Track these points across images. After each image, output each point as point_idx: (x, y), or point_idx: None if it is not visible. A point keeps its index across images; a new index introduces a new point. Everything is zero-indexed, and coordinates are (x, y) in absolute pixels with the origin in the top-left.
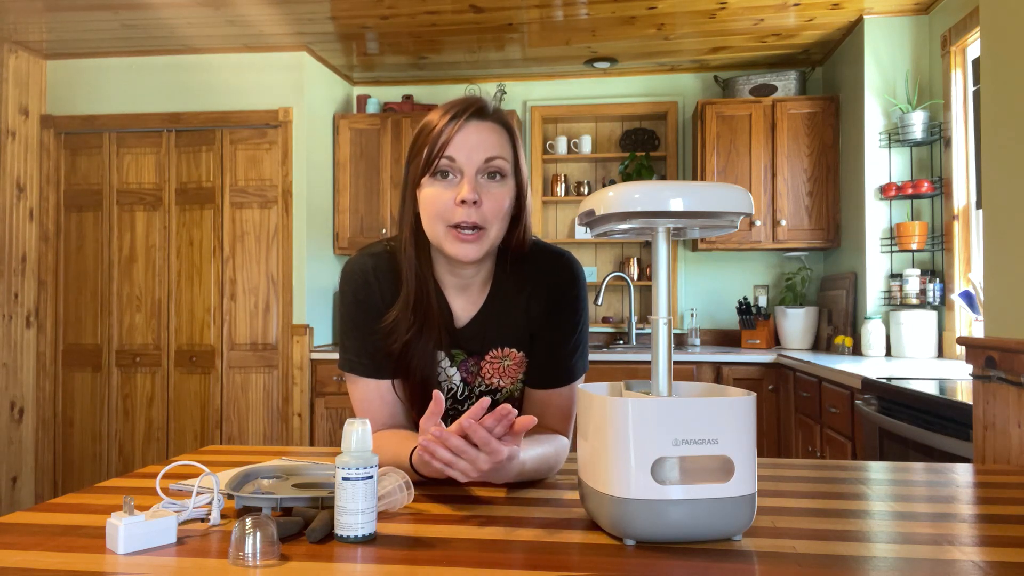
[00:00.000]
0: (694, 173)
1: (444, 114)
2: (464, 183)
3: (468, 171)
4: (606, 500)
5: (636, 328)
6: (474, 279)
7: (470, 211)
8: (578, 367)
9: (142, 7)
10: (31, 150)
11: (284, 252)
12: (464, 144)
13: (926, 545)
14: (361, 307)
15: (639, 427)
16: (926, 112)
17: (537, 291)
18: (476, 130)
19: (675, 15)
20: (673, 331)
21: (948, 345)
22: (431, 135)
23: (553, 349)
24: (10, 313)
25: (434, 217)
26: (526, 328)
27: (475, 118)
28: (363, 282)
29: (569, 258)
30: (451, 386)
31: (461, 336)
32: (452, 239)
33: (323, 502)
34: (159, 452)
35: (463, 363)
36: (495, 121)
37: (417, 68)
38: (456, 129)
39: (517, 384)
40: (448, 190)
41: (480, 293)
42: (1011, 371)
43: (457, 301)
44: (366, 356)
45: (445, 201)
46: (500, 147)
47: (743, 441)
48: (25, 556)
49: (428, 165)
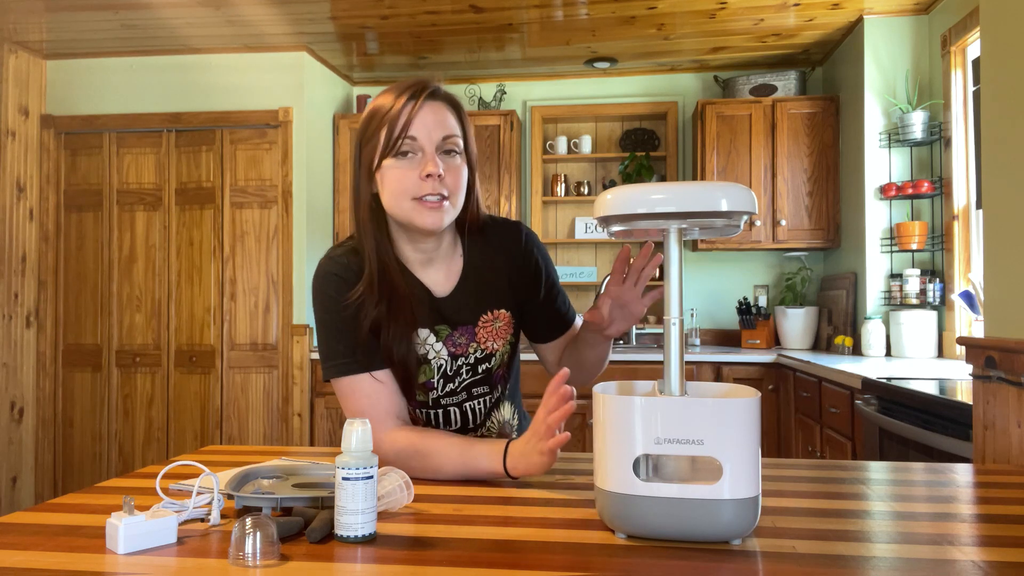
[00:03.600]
0: (694, 173)
1: (399, 96)
2: (427, 159)
3: (428, 148)
4: (598, 493)
5: (636, 328)
6: (437, 251)
7: (436, 183)
8: (570, 304)
9: (142, 7)
10: (31, 150)
11: (284, 252)
12: (423, 124)
13: (926, 545)
14: (340, 305)
15: (623, 424)
16: (926, 112)
17: (511, 255)
18: (432, 110)
19: (675, 15)
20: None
21: (948, 345)
22: (388, 117)
23: (551, 302)
24: (10, 313)
25: (400, 194)
26: (508, 290)
27: (430, 99)
28: (336, 281)
29: (522, 224)
30: (440, 362)
31: (446, 308)
32: (420, 209)
33: (323, 502)
34: (159, 452)
35: (449, 337)
36: (447, 102)
37: (417, 68)
38: (416, 110)
39: (506, 347)
40: (411, 167)
41: (453, 264)
42: (1011, 371)
43: (429, 276)
44: (360, 352)
45: (411, 177)
46: (454, 126)
47: (735, 443)
48: (25, 556)
49: (390, 146)
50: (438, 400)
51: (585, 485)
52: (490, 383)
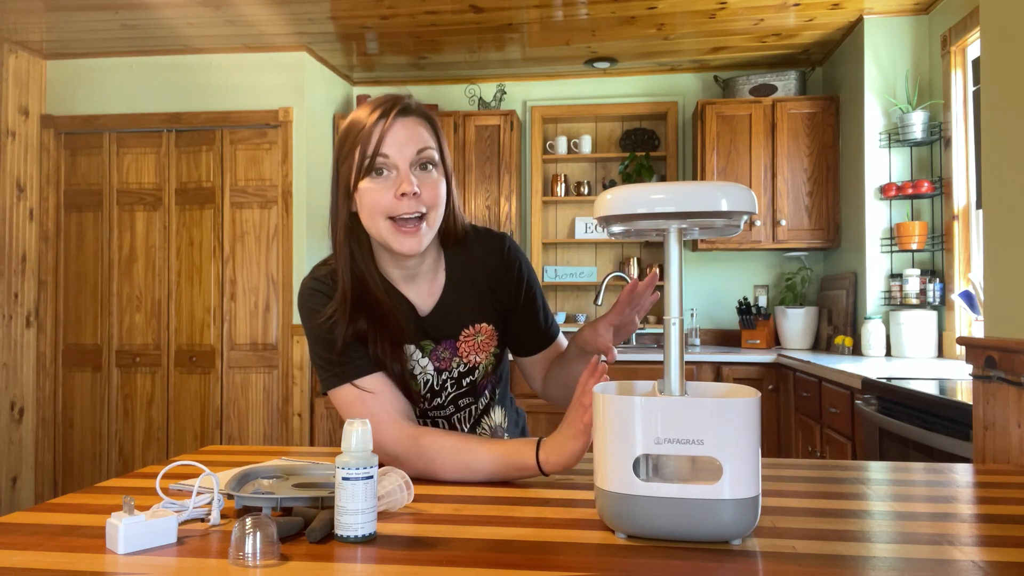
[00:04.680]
0: (694, 173)
1: (370, 114)
2: (401, 177)
3: (402, 165)
4: (598, 493)
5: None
6: (420, 267)
7: (411, 202)
8: (554, 321)
9: (142, 7)
10: (31, 150)
11: (284, 252)
12: (395, 140)
13: (926, 545)
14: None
15: (623, 424)
16: (926, 112)
17: (493, 266)
18: (404, 126)
19: (675, 15)
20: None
21: (948, 345)
22: (360, 136)
23: (533, 315)
24: (10, 313)
25: (376, 214)
26: (491, 303)
27: (401, 115)
28: (320, 297)
29: (506, 235)
30: (426, 377)
31: (428, 324)
32: (395, 234)
33: (323, 502)
34: (159, 452)
35: (433, 352)
36: (419, 115)
37: (417, 68)
38: (387, 127)
39: (490, 358)
40: (386, 186)
41: (435, 280)
42: (1011, 371)
43: (412, 292)
44: (356, 358)
45: (386, 197)
46: (427, 138)
47: (735, 443)
48: (25, 556)
49: (363, 166)
50: (425, 413)
51: (585, 485)
52: (475, 394)
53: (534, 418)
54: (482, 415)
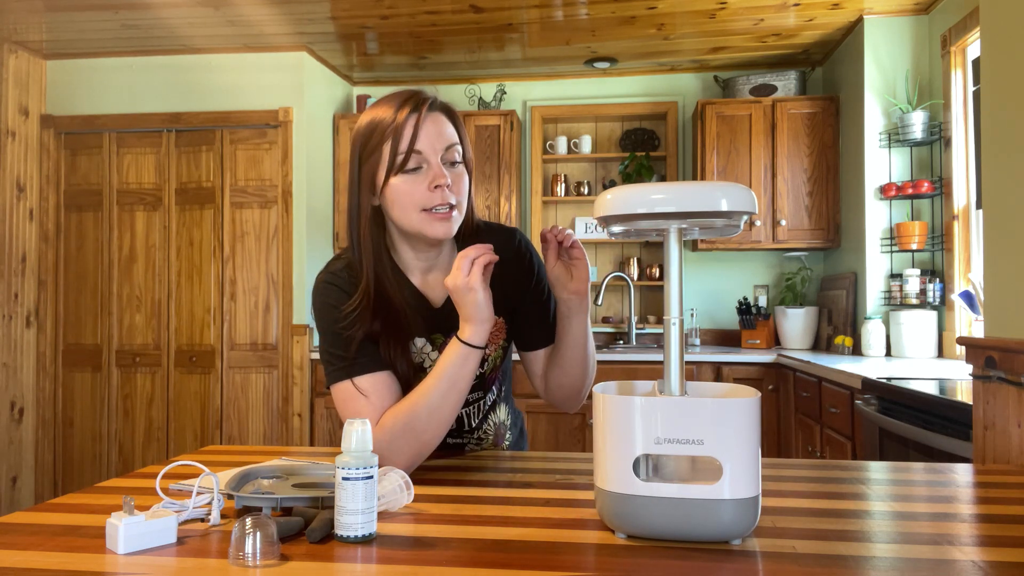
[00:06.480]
0: (694, 173)
1: (399, 109)
2: (435, 171)
3: (434, 160)
4: (598, 493)
5: (636, 328)
6: (438, 259)
7: (445, 193)
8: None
9: (142, 7)
10: (31, 150)
11: (284, 252)
12: (427, 136)
13: (926, 545)
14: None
15: (623, 424)
16: (926, 112)
17: (505, 261)
18: (434, 121)
19: (675, 15)
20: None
21: (948, 345)
22: (388, 132)
23: (543, 307)
24: (10, 313)
25: (410, 207)
26: (501, 295)
27: (431, 110)
28: (336, 291)
29: (517, 229)
30: None
31: (441, 317)
32: (429, 220)
33: (323, 502)
34: (159, 452)
35: (443, 345)
36: (445, 111)
37: (417, 68)
38: (420, 123)
39: (498, 351)
40: (419, 180)
41: (449, 272)
42: (1011, 371)
43: (428, 283)
44: (363, 355)
45: (419, 190)
46: (453, 135)
47: (735, 443)
48: (25, 556)
49: (396, 162)
50: None
51: (585, 485)
52: (483, 387)
53: (534, 418)
54: (489, 411)
